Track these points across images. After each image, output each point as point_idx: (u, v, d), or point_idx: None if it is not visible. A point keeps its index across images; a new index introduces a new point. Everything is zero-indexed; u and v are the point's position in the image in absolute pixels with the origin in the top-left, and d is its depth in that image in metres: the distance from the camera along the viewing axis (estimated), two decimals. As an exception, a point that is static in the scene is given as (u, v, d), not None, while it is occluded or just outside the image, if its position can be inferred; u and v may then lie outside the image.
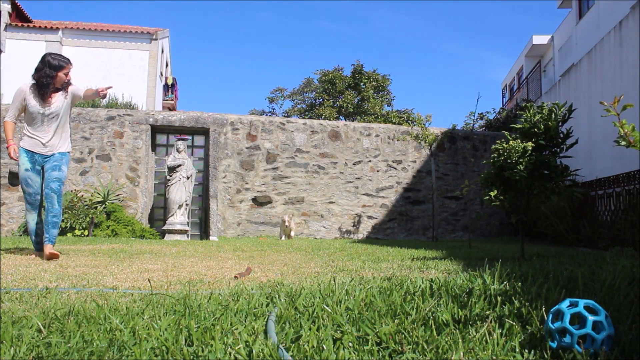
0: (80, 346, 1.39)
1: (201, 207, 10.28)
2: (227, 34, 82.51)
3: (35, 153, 4.67)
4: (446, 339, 1.42)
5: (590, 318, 1.28)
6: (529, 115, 4.20)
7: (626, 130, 1.69)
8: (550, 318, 1.35)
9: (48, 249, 4.39)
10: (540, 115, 4.13)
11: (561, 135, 4.21)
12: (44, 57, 4.60)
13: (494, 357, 1.32)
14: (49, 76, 4.54)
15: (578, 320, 1.31)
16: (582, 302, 1.33)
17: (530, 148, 4.06)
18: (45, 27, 17.88)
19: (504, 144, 4.13)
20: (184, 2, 76.97)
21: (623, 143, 1.72)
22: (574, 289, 2.03)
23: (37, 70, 4.55)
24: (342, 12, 75.73)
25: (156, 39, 19.12)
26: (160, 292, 2.45)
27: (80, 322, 1.66)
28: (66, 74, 4.68)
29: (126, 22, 33.80)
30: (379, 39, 71.21)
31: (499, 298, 1.82)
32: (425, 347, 1.39)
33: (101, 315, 1.72)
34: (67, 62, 4.72)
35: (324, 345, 1.39)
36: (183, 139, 9.39)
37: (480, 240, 9.34)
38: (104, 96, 4.57)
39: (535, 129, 4.13)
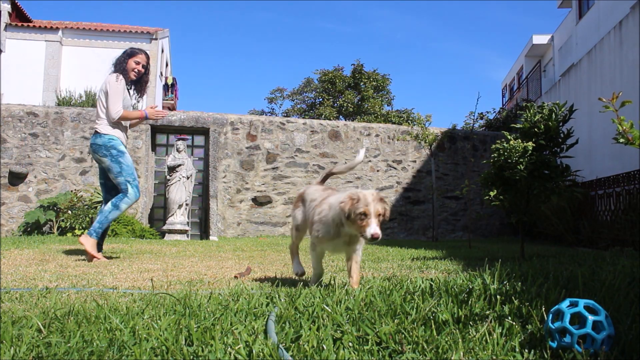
0: (80, 346, 1.39)
1: (201, 207, 10.28)
2: (227, 34, 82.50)
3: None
4: (446, 339, 1.42)
5: (590, 318, 1.28)
6: (529, 115, 4.20)
7: (624, 127, 1.69)
8: (550, 318, 1.35)
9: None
10: (540, 115, 4.13)
11: (562, 135, 4.22)
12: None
13: (494, 357, 1.32)
14: (122, 62, 4.61)
15: (578, 320, 1.31)
16: (582, 302, 1.32)
17: (531, 148, 4.06)
18: (45, 27, 17.87)
19: (504, 144, 4.13)
20: (184, 2, 76.95)
21: (622, 140, 1.71)
22: (574, 289, 2.03)
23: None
24: (342, 12, 75.70)
25: (156, 39, 19.12)
26: (160, 291, 2.45)
27: (80, 322, 1.66)
28: (137, 63, 4.62)
29: (126, 22, 33.76)
30: (379, 39, 71.18)
31: (498, 298, 1.82)
32: (425, 347, 1.39)
33: (101, 315, 1.72)
34: (140, 51, 4.70)
35: (324, 345, 1.39)
36: (183, 139, 9.38)
37: (480, 240, 9.34)
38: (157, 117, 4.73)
39: (536, 129, 4.13)
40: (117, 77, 4.49)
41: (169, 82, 23.00)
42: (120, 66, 4.59)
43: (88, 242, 4.29)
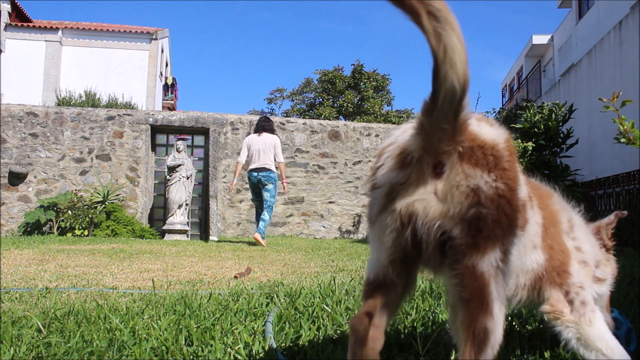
0: (80, 346, 1.39)
1: (201, 207, 10.28)
2: (227, 33, 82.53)
3: None
4: (446, 339, 1.42)
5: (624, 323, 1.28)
6: (529, 115, 4.20)
7: (625, 127, 1.69)
8: None
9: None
10: (540, 115, 4.13)
11: (561, 135, 4.22)
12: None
13: (494, 358, 1.32)
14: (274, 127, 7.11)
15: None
16: (615, 310, 1.33)
17: (531, 148, 4.07)
18: (45, 27, 17.86)
19: (504, 144, 4.14)
20: (184, 2, 76.96)
21: (623, 140, 1.72)
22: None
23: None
24: (342, 12, 75.72)
25: (156, 39, 19.11)
26: (160, 291, 2.45)
27: (80, 322, 1.66)
28: None
29: (126, 22, 33.74)
30: (379, 39, 71.17)
31: (499, 298, 1.82)
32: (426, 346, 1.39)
33: (101, 315, 1.72)
34: None
35: (324, 345, 1.39)
36: (183, 139, 9.38)
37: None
38: None
39: (536, 129, 4.13)
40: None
41: (169, 82, 22.99)
42: (273, 129, 6.88)
43: (260, 237, 6.52)
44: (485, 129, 0.86)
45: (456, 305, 0.85)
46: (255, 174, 6.56)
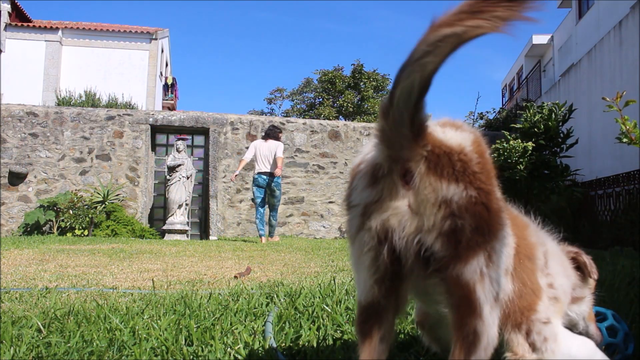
0: (80, 346, 1.39)
1: (201, 207, 10.28)
2: (227, 34, 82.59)
3: None
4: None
5: (621, 331, 1.28)
6: (529, 115, 4.21)
7: (628, 127, 1.68)
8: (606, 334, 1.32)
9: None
10: (540, 115, 4.14)
11: (561, 135, 4.22)
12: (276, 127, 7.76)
13: (494, 358, 1.32)
14: (280, 134, 7.71)
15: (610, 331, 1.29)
16: (608, 313, 1.32)
17: (531, 148, 4.07)
18: (45, 27, 17.86)
19: (504, 144, 4.14)
20: (184, 2, 77.01)
21: (625, 140, 1.71)
22: (574, 289, 2.03)
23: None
24: (342, 12, 75.76)
25: (156, 39, 19.10)
26: (160, 291, 2.45)
27: (80, 322, 1.66)
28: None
29: (126, 22, 33.72)
30: (379, 39, 71.22)
31: (499, 298, 1.82)
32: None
33: (101, 315, 1.72)
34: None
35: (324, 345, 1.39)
36: (183, 139, 9.38)
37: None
38: None
39: (536, 129, 4.13)
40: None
41: (169, 82, 22.99)
42: (278, 136, 7.58)
43: (275, 239, 7.75)
44: (450, 134, 0.84)
45: (446, 308, 0.84)
46: (264, 176, 7.44)
